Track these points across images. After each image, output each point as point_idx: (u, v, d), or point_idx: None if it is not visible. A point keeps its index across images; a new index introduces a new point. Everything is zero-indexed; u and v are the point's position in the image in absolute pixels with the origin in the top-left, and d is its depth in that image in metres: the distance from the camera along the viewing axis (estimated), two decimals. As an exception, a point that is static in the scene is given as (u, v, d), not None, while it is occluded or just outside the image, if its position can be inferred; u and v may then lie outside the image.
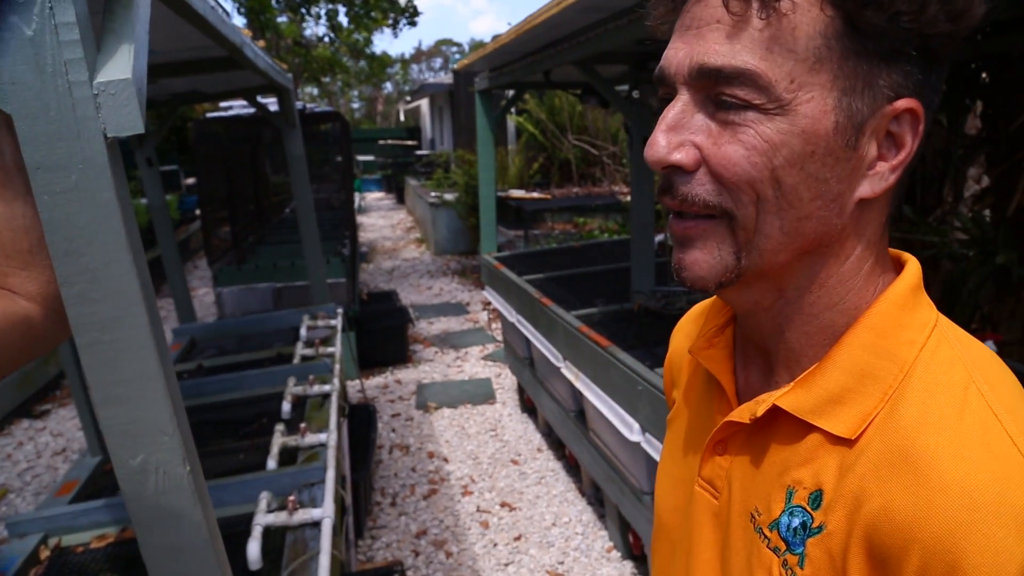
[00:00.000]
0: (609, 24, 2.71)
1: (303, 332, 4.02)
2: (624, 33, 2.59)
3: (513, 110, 11.11)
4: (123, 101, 0.88)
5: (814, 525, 0.57)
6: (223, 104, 6.48)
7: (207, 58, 2.47)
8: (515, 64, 4.33)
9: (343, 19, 13.97)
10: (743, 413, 0.64)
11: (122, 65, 0.89)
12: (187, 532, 1.04)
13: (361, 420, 4.21)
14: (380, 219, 16.51)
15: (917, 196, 3.61)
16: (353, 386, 5.33)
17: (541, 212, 9.22)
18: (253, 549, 1.91)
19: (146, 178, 4.18)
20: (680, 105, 0.58)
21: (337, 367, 3.52)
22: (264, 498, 2.14)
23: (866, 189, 0.57)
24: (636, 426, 2.79)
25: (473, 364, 6.26)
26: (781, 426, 0.62)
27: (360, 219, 15.68)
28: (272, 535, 2.07)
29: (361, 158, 23.62)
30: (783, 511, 0.60)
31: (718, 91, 0.55)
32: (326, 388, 3.17)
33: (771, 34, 0.53)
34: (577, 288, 4.48)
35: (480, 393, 5.53)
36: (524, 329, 4.17)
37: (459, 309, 8.05)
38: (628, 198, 7.87)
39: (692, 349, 0.73)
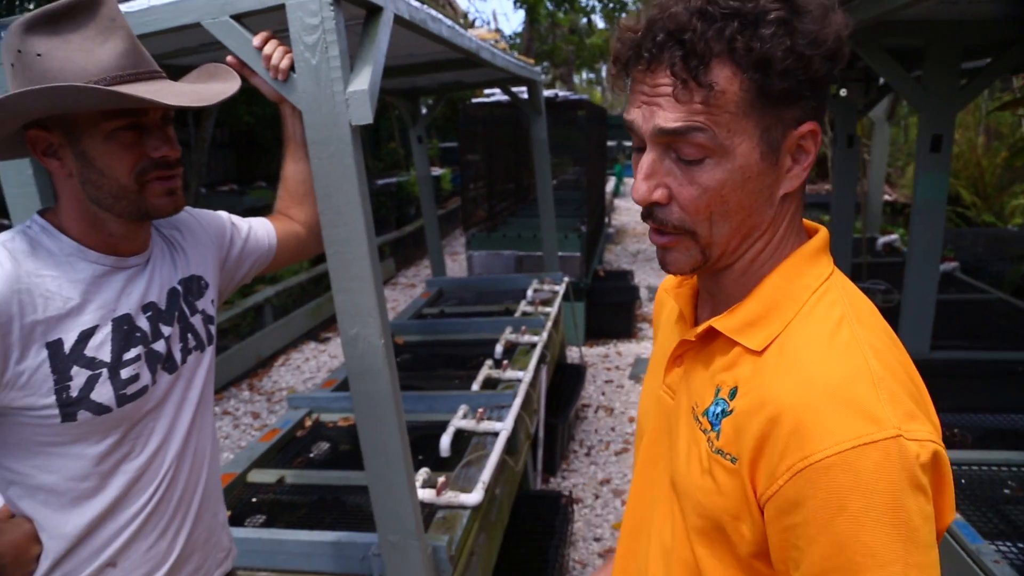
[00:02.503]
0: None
1: (529, 293, 4.62)
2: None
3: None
4: (362, 103, 1.42)
5: (728, 409, 0.80)
6: (487, 91, 7.31)
7: (454, 59, 3.08)
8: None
9: (597, 17, 14.43)
10: (692, 333, 0.92)
11: (363, 81, 1.43)
12: (379, 383, 1.58)
13: (571, 377, 4.73)
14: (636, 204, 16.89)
15: None
16: (573, 351, 5.86)
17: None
18: (444, 441, 2.50)
19: (416, 153, 5.02)
20: (651, 157, 0.78)
21: (549, 324, 4.05)
22: (462, 408, 2.72)
23: (787, 187, 0.79)
24: None
25: (692, 347, 6.47)
26: (716, 343, 0.88)
27: (617, 202, 16.19)
28: (463, 437, 2.63)
29: (628, 144, 24.12)
30: (712, 402, 0.83)
31: (676, 145, 0.76)
32: (534, 339, 3.71)
33: (708, 105, 0.72)
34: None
35: (691, 374, 5.75)
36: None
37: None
38: (887, 198, 7.49)
39: (667, 288, 1.07)
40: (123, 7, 1.50)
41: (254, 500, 2.36)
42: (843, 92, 3.75)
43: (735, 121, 0.73)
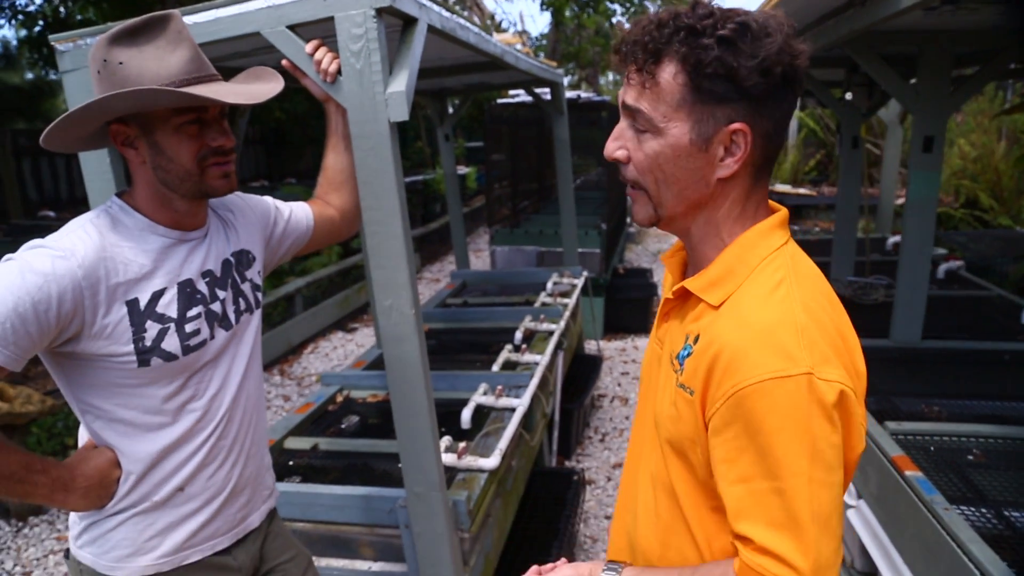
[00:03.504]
0: (828, 21, 2.95)
1: (549, 285, 4.82)
2: (832, 32, 2.78)
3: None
4: (399, 103, 1.63)
5: (691, 352, 0.98)
6: (512, 92, 7.52)
7: (480, 62, 3.29)
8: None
9: (623, 20, 14.57)
10: (670, 292, 1.14)
11: (400, 83, 1.64)
12: (409, 348, 1.79)
13: (588, 367, 4.93)
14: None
15: None
16: (592, 344, 6.05)
17: (803, 208, 9.14)
18: (466, 414, 2.71)
19: (443, 151, 5.24)
20: (622, 125, 1.01)
21: (567, 314, 4.24)
22: (482, 386, 2.93)
23: (721, 172, 0.96)
24: (853, 489, 2.60)
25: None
26: (689, 301, 1.09)
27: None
28: (482, 413, 2.84)
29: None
30: (682, 348, 1.01)
31: (634, 118, 0.97)
32: (552, 327, 3.91)
33: (653, 92, 0.94)
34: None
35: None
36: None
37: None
38: (900, 200, 7.59)
39: (663, 256, 1.27)
40: (194, 18, 1.73)
41: (291, 463, 2.58)
42: (848, 96, 3.91)
43: (671, 109, 0.93)
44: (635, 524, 1.13)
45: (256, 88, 1.41)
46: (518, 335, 3.74)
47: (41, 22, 9.66)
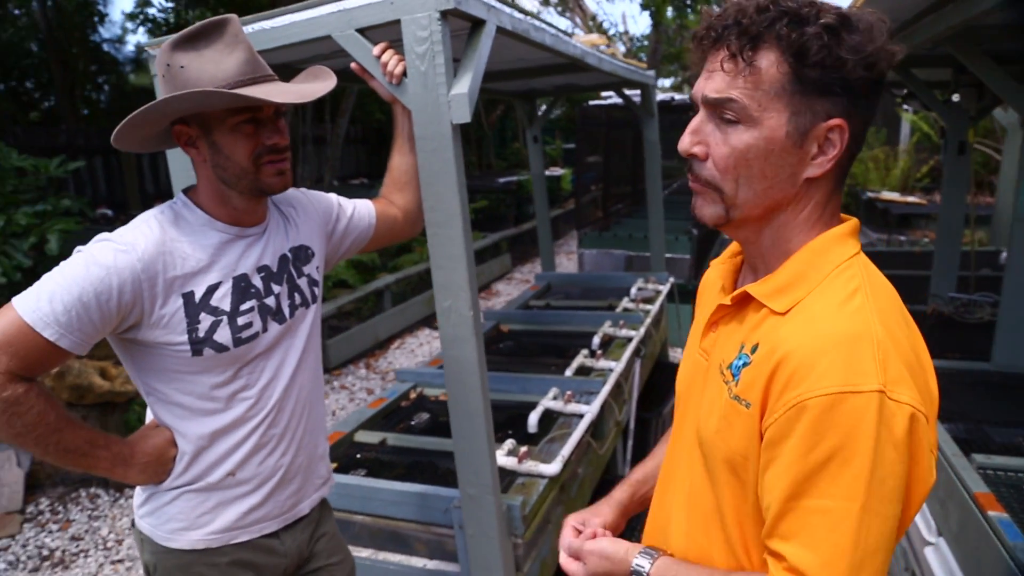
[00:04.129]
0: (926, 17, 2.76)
1: (633, 291, 4.74)
2: (930, 28, 2.55)
3: (907, 108, 10.36)
4: (461, 105, 1.63)
5: (749, 361, 0.91)
6: (604, 94, 7.44)
7: (564, 63, 3.26)
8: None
9: None
10: (728, 298, 1.04)
11: (463, 85, 1.64)
12: (466, 350, 1.79)
13: (670, 376, 4.80)
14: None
15: None
16: (678, 352, 5.91)
17: (911, 217, 8.63)
18: (532, 418, 2.69)
19: (531, 152, 5.23)
20: (700, 118, 0.93)
21: (648, 321, 4.16)
22: (552, 391, 2.90)
23: (811, 172, 0.90)
24: (933, 524, 2.42)
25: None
26: (748, 308, 0.97)
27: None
28: (550, 417, 2.81)
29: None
30: (736, 357, 0.94)
31: (719, 109, 0.90)
32: (631, 333, 3.84)
33: (750, 80, 0.87)
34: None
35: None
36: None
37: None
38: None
39: (713, 263, 1.20)
40: (271, 22, 1.79)
41: (358, 456, 2.64)
42: (955, 97, 3.64)
43: (768, 98, 0.87)
44: (666, 546, 1.08)
45: (307, 87, 1.44)
46: (596, 340, 3.69)
47: (165, 28, 10.39)
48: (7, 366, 1.21)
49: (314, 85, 1.48)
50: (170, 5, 12.00)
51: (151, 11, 11.25)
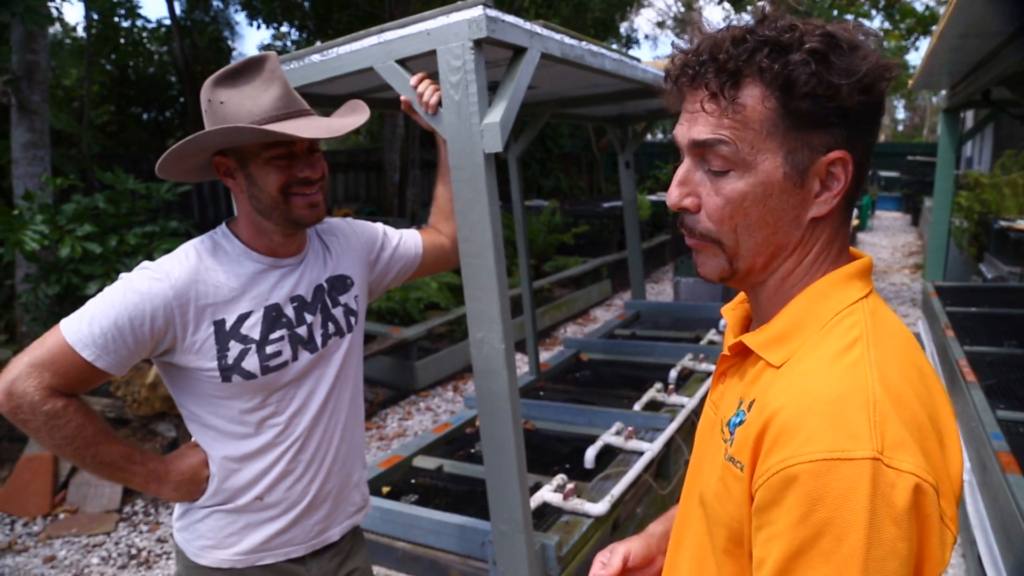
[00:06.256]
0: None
1: (721, 322, 4.56)
2: None
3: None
4: (493, 134, 1.61)
5: (744, 419, 0.83)
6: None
7: (635, 88, 3.19)
8: (965, 80, 4.07)
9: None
10: (726, 348, 0.98)
11: (496, 114, 1.62)
12: (498, 383, 1.75)
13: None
14: (884, 239, 15.54)
15: None
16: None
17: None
18: (590, 453, 2.61)
19: (623, 178, 5.15)
20: (686, 167, 0.85)
21: (733, 356, 3.97)
22: (616, 425, 2.82)
23: (815, 211, 0.82)
24: (1000, 560, 2.31)
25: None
26: (749, 359, 0.93)
27: (861, 236, 15.06)
28: (611, 453, 2.72)
29: (884, 174, 22.41)
30: (734, 414, 0.86)
31: (707, 156, 0.82)
32: (711, 368, 3.68)
33: (736, 119, 0.79)
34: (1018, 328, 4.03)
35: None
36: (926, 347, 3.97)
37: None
38: None
39: (723, 310, 1.13)
40: (322, 55, 1.84)
41: (413, 481, 2.64)
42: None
43: (759, 139, 0.79)
44: None
45: (338, 122, 1.47)
46: (672, 374, 3.56)
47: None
48: (49, 382, 1.29)
49: (346, 120, 1.51)
50: (303, 37, 12.73)
51: (287, 43, 11.95)
